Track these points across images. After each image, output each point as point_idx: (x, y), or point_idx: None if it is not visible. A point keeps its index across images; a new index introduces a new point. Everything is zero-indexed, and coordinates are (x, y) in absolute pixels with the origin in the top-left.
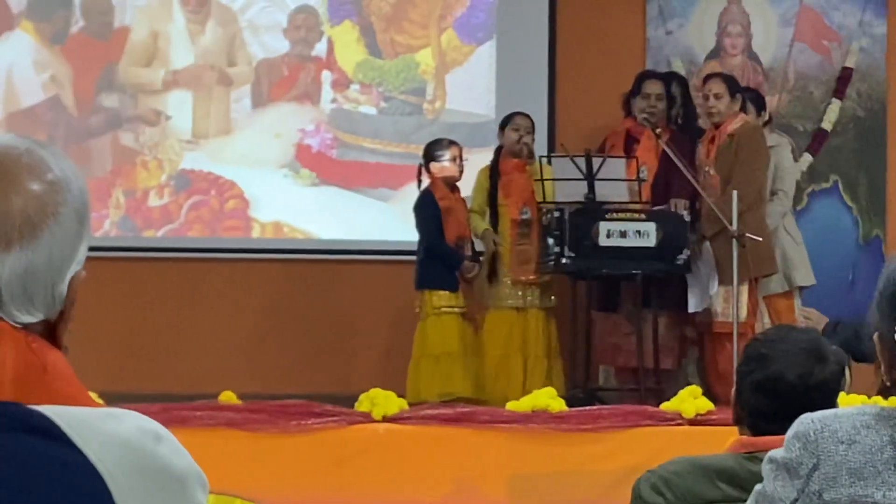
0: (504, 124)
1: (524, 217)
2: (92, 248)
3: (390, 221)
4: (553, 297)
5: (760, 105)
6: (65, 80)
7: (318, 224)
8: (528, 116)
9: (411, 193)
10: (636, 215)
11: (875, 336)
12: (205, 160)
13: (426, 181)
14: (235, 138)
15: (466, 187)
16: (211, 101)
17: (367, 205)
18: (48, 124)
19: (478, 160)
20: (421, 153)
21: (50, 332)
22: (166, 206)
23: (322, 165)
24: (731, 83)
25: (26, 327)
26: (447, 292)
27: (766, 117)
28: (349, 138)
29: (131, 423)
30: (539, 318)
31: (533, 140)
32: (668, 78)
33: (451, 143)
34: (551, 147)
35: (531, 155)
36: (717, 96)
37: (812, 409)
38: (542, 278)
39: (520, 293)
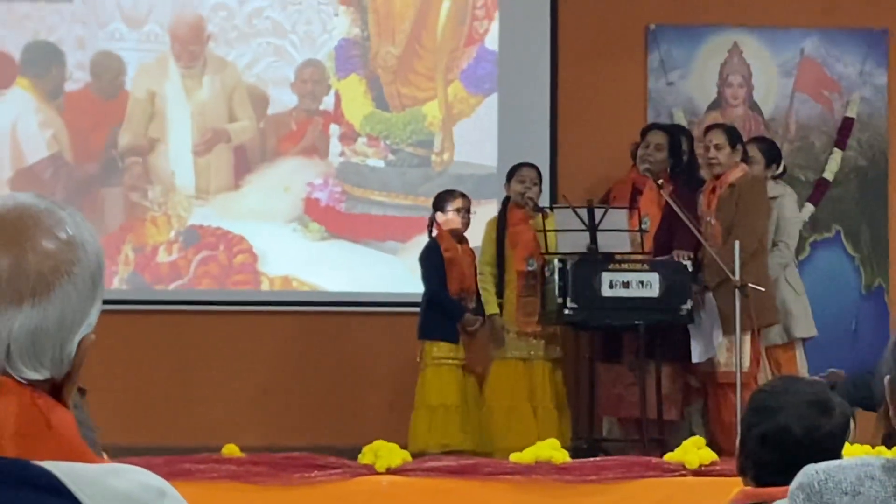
0: (510, 175)
1: (530, 269)
2: None
3: (399, 274)
4: (558, 349)
5: (772, 157)
6: (63, 137)
7: (327, 278)
8: (534, 167)
9: (420, 246)
10: (639, 266)
11: (886, 379)
12: (213, 215)
13: (436, 232)
14: (244, 193)
15: (476, 238)
16: (211, 155)
17: (376, 258)
18: (50, 182)
19: (485, 212)
20: (430, 205)
21: (55, 391)
22: (175, 261)
23: (330, 219)
24: (731, 134)
25: (32, 384)
26: (447, 343)
27: (779, 170)
28: (357, 191)
29: (135, 478)
30: (545, 370)
31: (539, 191)
32: (674, 130)
33: (460, 194)
34: (553, 198)
35: (537, 209)
36: (717, 147)
37: (817, 461)
38: (547, 330)
39: (525, 344)
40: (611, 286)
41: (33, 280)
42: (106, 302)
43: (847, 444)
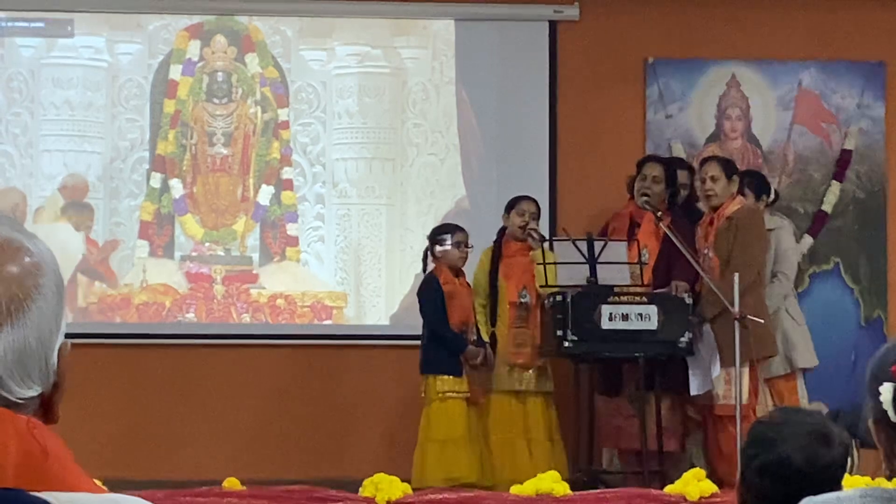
0: (510, 208)
1: (523, 300)
2: (95, 335)
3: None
4: (550, 381)
5: (761, 188)
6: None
7: (324, 307)
8: (534, 200)
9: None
10: (638, 298)
11: (870, 422)
12: (210, 245)
13: (431, 265)
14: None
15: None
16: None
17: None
18: None
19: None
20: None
21: (46, 405)
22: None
23: (330, 249)
24: (727, 166)
25: (26, 403)
26: (451, 377)
27: (768, 199)
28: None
29: None
30: (538, 403)
31: (538, 225)
32: (670, 162)
33: (457, 228)
34: (553, 230)
35: (544, 240)
36: (713, 179)
37: (818, 493)
38: (537, 362)
39: (516, 376)
40: (610, 319)
41: (7, 303)
42: (101, 335)
43: (847, 476)
